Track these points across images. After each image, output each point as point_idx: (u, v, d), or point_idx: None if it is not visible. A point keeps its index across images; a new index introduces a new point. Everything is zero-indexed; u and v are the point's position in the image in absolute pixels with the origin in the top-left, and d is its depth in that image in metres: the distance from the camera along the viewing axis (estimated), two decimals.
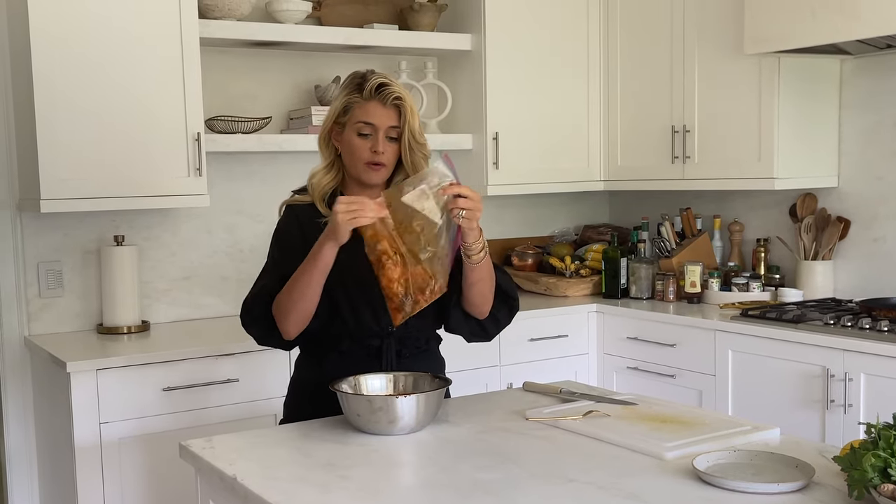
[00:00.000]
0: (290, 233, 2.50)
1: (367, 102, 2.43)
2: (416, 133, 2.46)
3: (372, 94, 2.43)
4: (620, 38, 4.59)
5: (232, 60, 4.17)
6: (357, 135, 2.44)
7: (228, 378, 3.50)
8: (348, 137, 2.46)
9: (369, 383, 2.35)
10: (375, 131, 2.43)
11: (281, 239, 2.53)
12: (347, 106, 2.45)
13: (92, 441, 3.29)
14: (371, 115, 2.42)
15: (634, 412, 2.33)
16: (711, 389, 3.88)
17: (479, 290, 2.42)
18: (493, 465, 1.98)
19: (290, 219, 2.53)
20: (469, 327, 2.55)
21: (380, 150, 2.43)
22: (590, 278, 4.62)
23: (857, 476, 1.62)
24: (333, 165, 2.52)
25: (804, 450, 2.01)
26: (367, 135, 2.44)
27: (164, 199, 3.70)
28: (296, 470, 1.99)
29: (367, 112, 2.43)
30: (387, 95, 2.43)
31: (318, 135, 2.53)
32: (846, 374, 3.38)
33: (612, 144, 4.68)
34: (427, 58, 4.58)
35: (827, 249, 4.11)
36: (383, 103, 2.43)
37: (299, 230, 2.48)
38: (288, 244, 2.48)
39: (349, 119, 2.45)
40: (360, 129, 2.43)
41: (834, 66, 4.08)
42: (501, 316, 2.58)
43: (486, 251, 2.36)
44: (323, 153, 2.53)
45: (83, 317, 3.92)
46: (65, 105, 3.47)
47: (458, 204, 2.23)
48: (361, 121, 2.43)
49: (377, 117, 2.42)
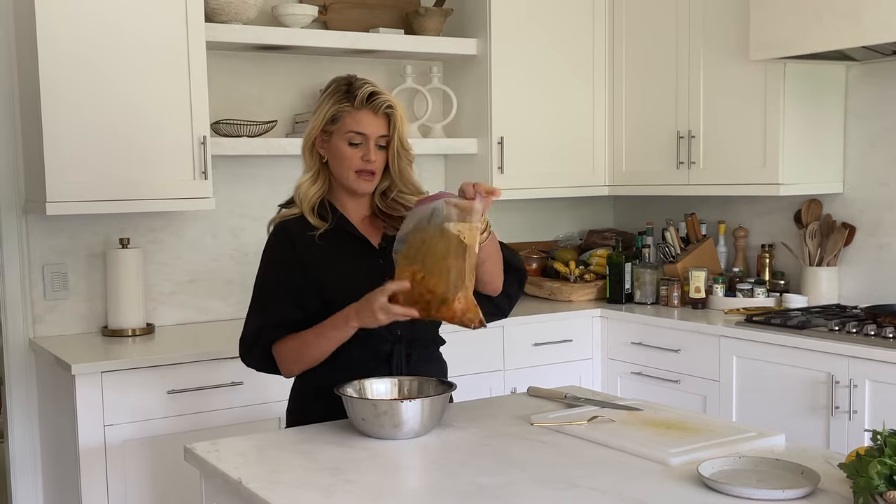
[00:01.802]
0: (281, 259, 2.45)
1: (357, 111, 2.41)
2: (405, 140, 2.46)
3: (364, 103, 2.41)
4: (626, 43, 4.59)
5: (238, 64, 4.17)
6: (347, 144, 2.42)
7: (233, 381, 3.50)
8: (337, 146, 2.43)
9: (374, 387, 2.34)
10: (366, 140, 2.42)
11: (272, 265, 2.47)
12: (336, 115, 2.42)
13: (96, 443, 3.30)
14: (363, 125, 2.41)
15: (639, 417, 2.33)
16: (716, 395, 3.87)
17: (487, 268, 2.40)
18: (497, 470, 1.97)
19: (280, 238, 2.47)
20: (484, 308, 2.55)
21: (371, 159, 2.42)
22: (594, 283, 4.61)
23: (862, 483, 1.62)
24: (319, 174, 2.49)
25: (809, 456, 2.01)
26: (357, 144, 2.42)
27: (169, 202, 3.70)
28: (300, 474, 1.99)
29: (358, 122, 2.41)
30: (378, 105, 2.41)
31: (303, 142, 2.49)
32: (851, 381, 3.38)
33: (617, 149, 4.68)
34: (432, 62, 4.58)
35: (832, 255, 4.11)
36: (375, 112, 2.42)
37: (292, 249, 2.44)
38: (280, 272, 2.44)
39: (338, 128, 2.42)
40: (351, 138, 2.42)
41: (840, 72, 4.08)
42: (513, 291, 2.58)
43: (490, 231, 2.34)
44: (307, 162, 2.50)
45: (88, 319, 3.92)
46: (71, 108, 3.47)
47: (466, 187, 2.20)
48: (353, 130, 2.41)
49: (369, 127, 2.41)
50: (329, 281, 2.42)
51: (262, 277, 2.49)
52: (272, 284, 2.46)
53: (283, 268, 2.44)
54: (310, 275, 2.42)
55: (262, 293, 2.48)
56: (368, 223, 2.53)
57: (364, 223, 2.52)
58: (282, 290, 2.44)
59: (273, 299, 2.45)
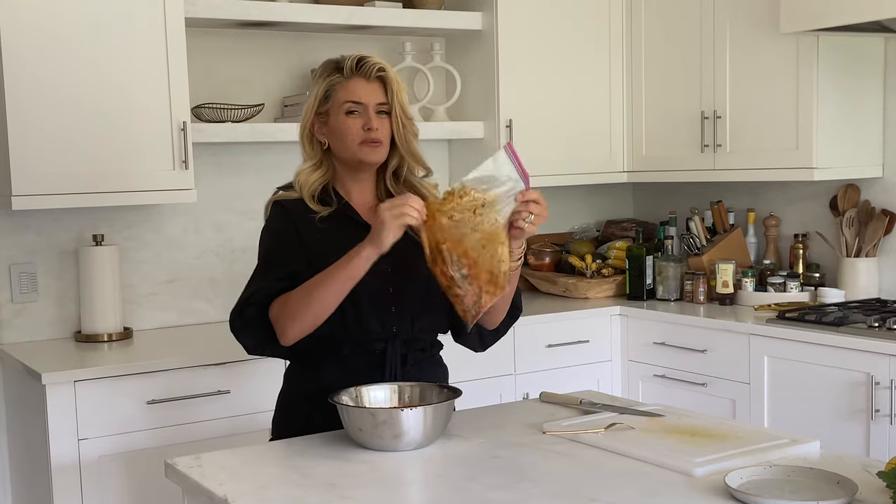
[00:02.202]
0: (283, 229, 2.48)
1: (348, 80, 2.45)
2: (406, 108, 2.49)
3: (353, 70, 2.45)
4: (645, 15, 4.59)
5: (221, 42, 4.18)
6: (345, 114, 2.45)
7: (218, 390, 3.51)
8: (336, 122, 2.46)
9: (372, 395, 2.35)
10: (365, 109, 2.45)
11: (274, 236, 2.50)
12: (329, 89, 2.46)
13: (70, 459, 3.30)
14: (357, 93, 2.44)
15: (661, 424, 2.33)
16: (746, 399, 3.88)
17: (503, 299, 2.44)
18: (507, 484, 1.98)
19: (280, 215, 2.50)
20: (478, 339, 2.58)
21: (374, 126, 2.44)
22: (612, 278, 4.62)
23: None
24: (322, 163, 2.52)
25: (846, 464, 2.01)
26: (355, 112, 2.45)
27: (147, 195, 3.71)
28: (292, 491, 1.99)
29: (351, 90, 2.45)
30: (369, 69, 2.45)
31: (300, 132, 2.52)
32: (892, 382, 3.38)
33: (636, 132, 4.68)
34: (434, 39, 4.58)
35: (871, 245, 4.11)
36: (367, 78, 2.45)
37: (293, 225, 2.47)
38: (283, 240, 2.47)
39: (333, 103, 2.46)
40: (348, 108, 2.45)
41: (878, 45, 4.08)
42: (503, 328, 2.62)
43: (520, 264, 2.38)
44: (307, 151, 2.53)
45: (60, 324, 3.93)
46: (37, 93, 3.48)
47: (529, 208, 2.29)
48: (348, 100, 2.44)
49: (363, 94, 2.44)
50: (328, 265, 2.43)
51: (263, 248, 2.52)
52: (271, 255, 2.48)
53: (284, 235, 2.47)
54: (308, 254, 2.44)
55: (260, 263, 2.50)
56: (374, 212, 2.54)
57: (370, 212, 2.53)
58: (283, 252, 2.45)
59: (273, 262, 2.46)
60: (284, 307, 2.39)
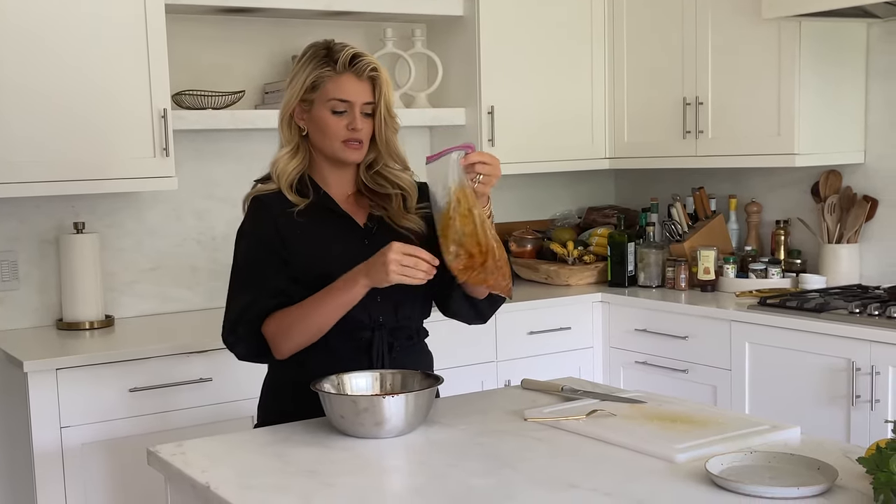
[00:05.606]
0: (262, 233, 2.45)
1: (339, 76, 2.43)
2: (391, 107, 2.48)
3: (346, 66, 2.43)
4: (627, 1, 4.59)
5: (201, 29, 4.16)
6: (331, 113, 2.44)
7: (201, 377, 3.51)
8: (319, 116, 2.45)
9: (354, 382, 2.35)
10: (351, 108, 2.43)
11: (256, 244, 2.46)
12: (317, 81, 2.44)
13: (52, 447, 3.30)
14: (346, 91, 2.42)
15: (642, 411, 2.34)
16: (727, 385, 3.90)
17: None
18: (488, 471, 1.99)
19: (259, 213, 2.47)
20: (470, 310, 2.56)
21: (358, 128, 2.43)
22: (594, 265, 4.63)
23: (883, 479, 1.63)
24: (299, 149, 2.50)
25: (827, 450, 2.02)
26: (341, 112, 2.44)
27: (127, 182, 3.70)
28: (275, 477, 2.00)
29: (341, 87, 2.43)
30: (362, 68, 2.43)
31: (280, 114, 2.51)
32: (873, 368, 3.40)
33: (618, 119, 4.69)
34: (415, 24, 4.57)
35: (852, 232, 4.13)
36: (358, 76, 2.43)
37: (273, 225, 2.45)
38: (267, 252, 2.44)
39: (320, 95, 2.44)
40: (334, 106, 2.43)
41: (860, 30, 4.09)
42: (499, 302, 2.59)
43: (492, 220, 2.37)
44: (285, 135, 2.51)
45: (41, 312, 3.92)
46: (13, 78, 3.46)
47: (476, 168, 2.28)
48: (336, 98, 2.42)
49: (353, 93, 2.43)
50: (312, 261, 2.43)
51: (244, 254, 2.49)
52: (256, 258, 2.46)
53: (265, 240, 2.44)
54: (291, 252, 2.43)
55: (244, 271, 2.48)
56: (353, 201, 2.54)
57: (349, 201, 2.53)
58: (269, 263, 2.44)
59: (260, 273, 2.44)
60: (280, 327, 2.40)
